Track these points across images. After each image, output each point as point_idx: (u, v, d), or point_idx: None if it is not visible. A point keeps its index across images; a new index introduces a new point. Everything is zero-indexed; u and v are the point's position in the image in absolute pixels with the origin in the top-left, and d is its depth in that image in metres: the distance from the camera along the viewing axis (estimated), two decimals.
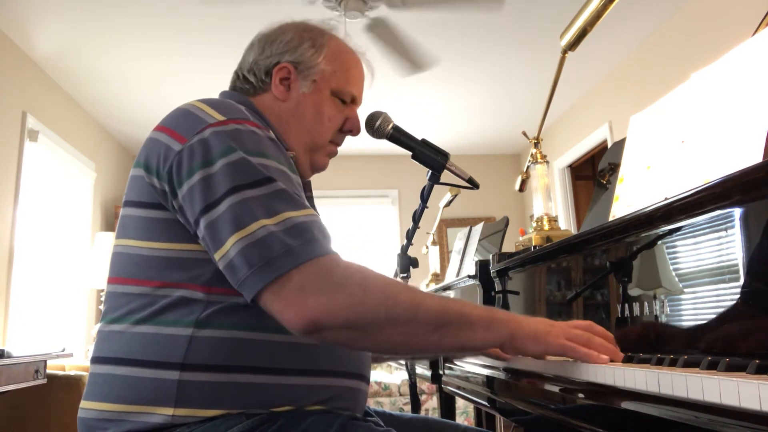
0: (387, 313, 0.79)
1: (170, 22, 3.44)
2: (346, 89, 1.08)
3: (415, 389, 1.40)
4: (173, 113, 0.92)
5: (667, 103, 1.07)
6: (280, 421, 0.82)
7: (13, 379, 2.38)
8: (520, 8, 3.42)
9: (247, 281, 0.78)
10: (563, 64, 1.55)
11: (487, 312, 0.85)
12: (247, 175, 0.82)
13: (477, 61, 4.07)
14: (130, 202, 0.90)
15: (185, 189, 0.83)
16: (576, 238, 1.09)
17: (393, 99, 4.59)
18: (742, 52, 0.90)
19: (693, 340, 0.75)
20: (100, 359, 0.87)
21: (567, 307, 1.11)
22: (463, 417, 4.17)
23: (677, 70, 3.47)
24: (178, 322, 0.83)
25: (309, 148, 1.07)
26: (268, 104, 1.05)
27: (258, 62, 1.07)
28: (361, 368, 0.96)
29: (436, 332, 0.80)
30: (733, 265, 0.69)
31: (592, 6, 1.41)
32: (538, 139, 1.68)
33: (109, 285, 0.91)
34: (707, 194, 0.72)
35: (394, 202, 5.93)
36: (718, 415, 0.54)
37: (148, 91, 4.34)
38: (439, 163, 1.24)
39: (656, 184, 1.02)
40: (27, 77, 3.75)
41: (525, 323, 0.83)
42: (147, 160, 0.88)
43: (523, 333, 0.82)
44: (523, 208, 5.92)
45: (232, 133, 0.85)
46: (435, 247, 3.29)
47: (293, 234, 0.79)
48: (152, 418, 0.81)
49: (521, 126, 2.50)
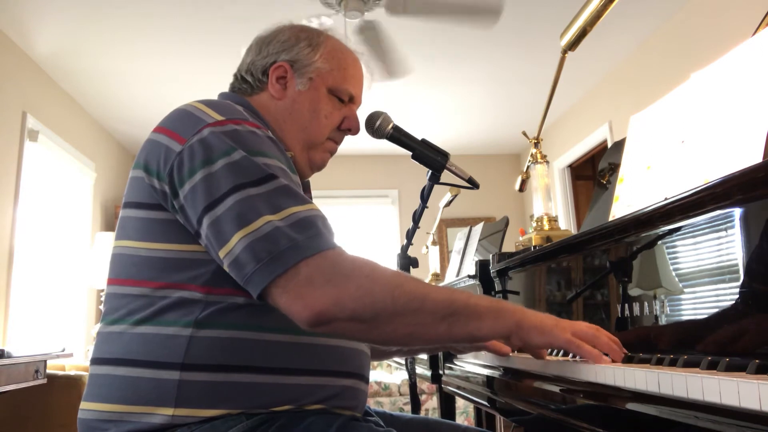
0: (394, 304, 0.79)
1: (170, 22, 3.44)
2: (343, 87, 1.08)
3: (415, 389, 1.41)
4: (172, 114, 0.92)
5: (667, 103, 1.07)
6: (280, 421, 0.82)
7: (13, 379, 2.38)
8: (520, 8, 3.42)
9: (254, 276, 0.78)
10: (563, 64, 1.55)
11: (494, 302, 0.85)
12: (249, 173, 0.82)
13: (477, 60, 4.07)
14: (130, 203, 0.90)
15: (187, 189, 0.83)
16: (576, 238, 1.09)
17: (393, 99, 4.59)
18: (742, 52, 0.90)
19: (693, 340, 0.75)
20: (100, 360, 0.87)
21: (567, 307, 1.11)
22: (463, 417, 4.17)
23: (677, 70, 3.47)
24: (177, 322, 0.83)
25: (306, 146, 1.07)
26: (265, 103, 1.05)
27: (255, 62, 1.07)
28: (361, 368, 0.96)
29: (444, 322, 0.80)
30: (732, 265, 0.69)
31: (592, 6, 1.41)
32: (538, 139, 1.68)
33: (109, 286, 0.91)
34: (707, 194, 0.72)
35: (394, 202, 5.93)
36: (718, 415, 0.54)
37: (148, 91, 4.34)
38: (439, 163, 1.24)
39: (656, 184, 1.02)
40: (27, 77, 3.75)
41: (532, 314, 0.83)
42: (147, 161, 0.88)
43: (530, 323, 0.82)
44: (523, 208, 5.92)
45: (231, 133, 0.85)
46: (435, 247, 3.29)
47: (299, 228, 0.79)
48: (152, 418, 0.81)
49: (521, 126, 2.50)
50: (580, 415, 0.78)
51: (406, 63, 3.79)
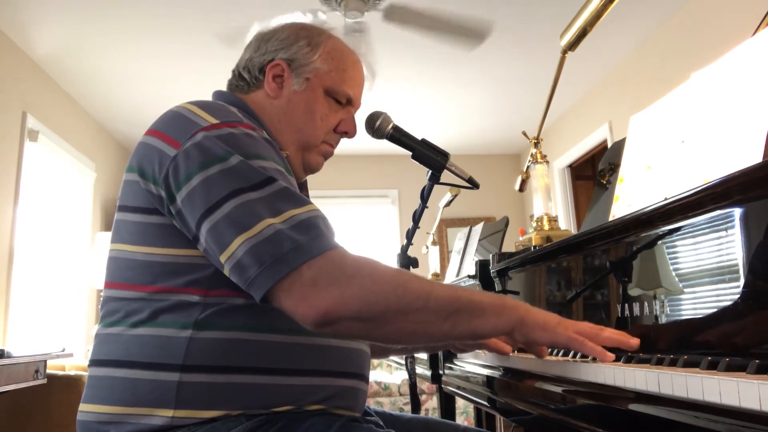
0: (398, 303, 0.79)
1: (170, 22, 3.44)
2: (340, 89, 1.06)
3: (415, 389, 1.40)
4: (164, 117, 0.91)
5: (667, 103, 1.07)
6: (280, 422, 0.82)
7: (13, 379, 2.38)
8: (520, 8, 3.42)
9: (257, 279, 0.78)
10: (563, 64, 1.55)
11: (497, 298, 0.85)
12: (247, 177, 0.82)
13: (477, 61, 4.07)
14: (126, 207, 0.90)
15: (184, 193, 0.82)
16: (576, 238, 1.08)
17: (393, 99, 4.59)
18: (742, 52, 0.90)
19: (693, 340, 0.74)
20: (99, 362, 0.87)
21: (567, 307, 1.11)
22: (463, 417, 4.17)
23: (677, 70, 3.47)
24: (176, 323, 0.83)
25: (301, 147, 1.05)
26: (261, 102, 1.04)
27: (253, 59, 1.06)
28: (361, 368, 0.96)
29: (448, 320, 0.80)
30: (733, 265, 0.69)
31: (591, 6, 1.41)
32: (538, 139, 1.68)
33: (106, 289, 0.91)
34: (707, 194, 0.72)
35: (394, 202, 5.93)
36: (718, 415, 0.54)
37: (148, 91, 4.34)
38: (439, 163, 1.24)
39: (656, 184, 1.02)
40: (27, 77, 3.75)
41: (534, 311, 0.83)
42: (141, 165, 0.87)
43: (533, 319, 0.82)
44: (523, 208, 5.92)
45: (226, 137, 0.85)
46: (435, 247, 3.29)
47: (300, 230, 0.79)
48: (152, 420, 0.80)
49: (521, 126, 2.50)
50: (580, 415, 0.78)
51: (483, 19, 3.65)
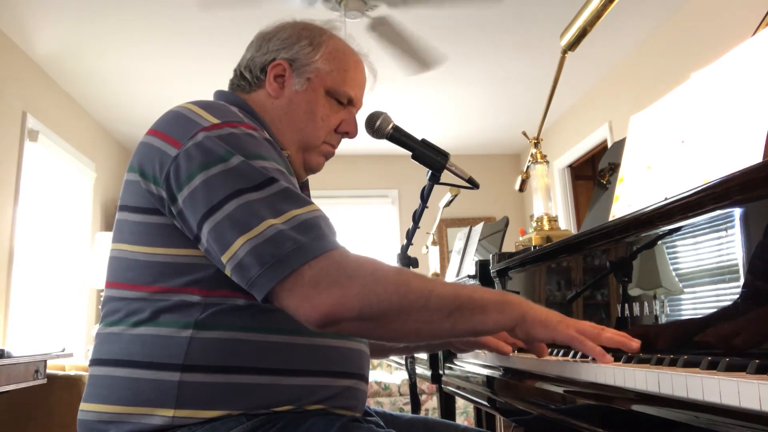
0: (400, 302, 0.79)
1: (170, 22, 3.44)
2: (342, 89, 1.05)
3: (415, 389, 1.40)
4: (165, 117, 0.91)
5: (667, 103, 1.07)
6: (280, 422, 0.82)
7: (13, 379, 2.38)
8: (520, 8, 3.42)
9: (259, 280, 0.78)
10: (563, 64, 1.55)
11: (499, 295, 0.85)
12: (249, 177, 0.82)
13: (477, 61, 4.07)
14: (127, 207, 0.90)
15: (185, 194, 0.82)
16: (576, 238, 1.08)
17: (393, 99, 4.59)
18: (742, 52, 0.90)
19: (693, 340, 0.75)
20: (99, 361, 0.87)
21: (567, 307, 1.11)
22: (463, 417, 4.17)
23: (677, 70, 3.47)
24: (177, 323, 0.83)
25: (301, 147, 1.05)
26: (262, 102, 1.04)
27: (254, 59, 1.06)
28: (361, 368, 0.96)
29: (450, 317, 0.80)
30: (733, 265, 0.69)
31: (592, 6, 1.41)
32: (538, 139, 1.68)
33: (107, 289, 0.91)
34: (707, 194, 0.72)
35: (394, 202, 5.93)
36: (718, 415, 0.54)
37: (148, 91, 4.34)
38: (439, 163, 1.24)
39: (656, 184, 1.02)
40: (27, 77, 3.75)
41: (536, 308, 0.84)
42: (142, 165, 0.87)
43: (534, 316, 0.82)
44: (523, 208, 5.92)
45: (227, 137, 0.85)
46: (435, 247, 3.29)
47: (302, 230, 0.79)
48: (152, 419, 0.81)
49: (521, 126, 2.50)
50: (580, 415, 0.78)
51: (438, 51, 3.67)
